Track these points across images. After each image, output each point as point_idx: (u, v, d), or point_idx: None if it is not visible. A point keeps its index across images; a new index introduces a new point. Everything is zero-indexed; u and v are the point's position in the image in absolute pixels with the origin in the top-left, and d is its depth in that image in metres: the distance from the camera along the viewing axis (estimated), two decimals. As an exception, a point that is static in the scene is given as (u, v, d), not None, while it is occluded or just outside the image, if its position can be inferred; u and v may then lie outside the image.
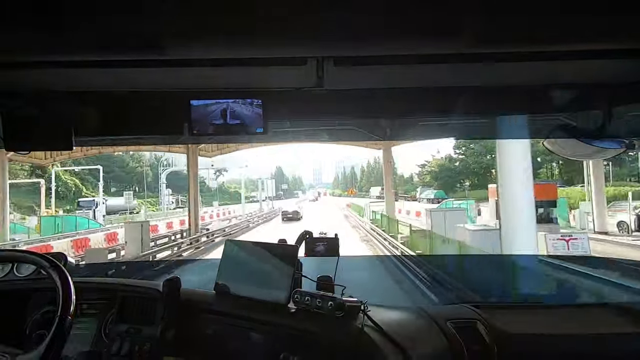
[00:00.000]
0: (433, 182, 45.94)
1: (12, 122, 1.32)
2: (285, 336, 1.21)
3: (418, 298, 6.58)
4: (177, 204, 38.34)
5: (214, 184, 58.73)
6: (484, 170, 40.67)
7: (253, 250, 1.43)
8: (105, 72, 1.14)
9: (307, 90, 1.29)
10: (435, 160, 48.56)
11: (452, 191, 40.70)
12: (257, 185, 51.64)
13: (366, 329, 1.13)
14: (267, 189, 37.06)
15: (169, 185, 38.08)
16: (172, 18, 0.85)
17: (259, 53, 1.05)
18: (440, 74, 1.25)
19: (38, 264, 1.12)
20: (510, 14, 0.85)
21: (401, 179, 58.02)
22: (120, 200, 30.73)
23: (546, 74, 1.25)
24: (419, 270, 7.92)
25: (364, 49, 1.03)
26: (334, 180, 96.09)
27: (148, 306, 1.42)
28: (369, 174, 69.59)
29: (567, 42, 0.98)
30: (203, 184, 51.04)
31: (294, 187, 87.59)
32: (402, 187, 50.64)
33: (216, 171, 65.75)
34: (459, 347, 1.19)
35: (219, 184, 61.02)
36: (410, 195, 45.89)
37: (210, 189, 54.09)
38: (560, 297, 5.04)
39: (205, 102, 1.30)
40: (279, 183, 79.50)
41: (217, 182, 60.41)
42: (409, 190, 49.67)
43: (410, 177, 58.89)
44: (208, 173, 57.55)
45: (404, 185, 54.17)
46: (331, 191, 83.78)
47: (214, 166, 42.08)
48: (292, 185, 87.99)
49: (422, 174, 51.37)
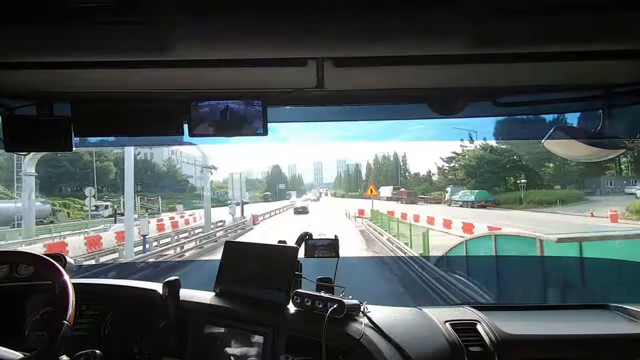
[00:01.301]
0: (467, 180, 35.17)
1: (12, 123, 1.32)
2: (285, 337, 1.21)
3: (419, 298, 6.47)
4: (113, 211, 27.40)
5: (200, 183, 47.23)
6: (538, 164, 31.77)
7: (253, 251, 1.43)
8: (106, 73, 1.14)
9: (307, 91, 1.29)
10: (469, 152, 35.99)
11: (493, 191, 31.58)
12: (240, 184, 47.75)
13: (366, 330, 1.13)
14: (235, 189, 24.91)
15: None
16: (172, 19, 0.85)
17: (259, 54, 1.05)
18: (440, 74, 1.25)
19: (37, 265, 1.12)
20: (510, 15, 0.85)
21: (415, 177, 52.27)
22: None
23: (546, 74, 1.25)
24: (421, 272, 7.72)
25: (364, 49, 1.03)
26: (336, 180, 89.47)
27: (148, 307, 1.41)
28: (377, 172, 61.26)
29: (566, 42, 0.98)
30: (187, 183, 48.16)
31: (292, 186, 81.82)
32: (417, 187, 44.92)
33: (202, 168, 60.62)
34: (458, 348, 1.19)
35: (207, 182, 55.37)
36: (432, 197, 38.50)
37: (197, 188, 46.73)
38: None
39: (205, 102, 1.30)
40: (276, 182, 73.74)
41: (205, 180, 53.08)
42: (427, 191, 42.46)
43: (427, 175, 49.48)
44: (195, 170, 49.24)
45: (420, 185, 46.67)
46: (333, 191, 78.05)
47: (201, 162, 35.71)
48: (290, 185, 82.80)
49: (447, 170, 40.83)
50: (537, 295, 5.33)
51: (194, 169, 50.01)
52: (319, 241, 1.45)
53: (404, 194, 41.27)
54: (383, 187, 45.80)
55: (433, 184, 44.63)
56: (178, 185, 46.87)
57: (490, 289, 6.03)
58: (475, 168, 34.13)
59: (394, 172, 56.84)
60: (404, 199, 38.98)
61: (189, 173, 52.05)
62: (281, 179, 77.68)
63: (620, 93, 1.34)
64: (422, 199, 39.16)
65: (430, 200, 38.07)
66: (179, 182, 47.88)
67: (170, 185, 44.20)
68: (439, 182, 42.70)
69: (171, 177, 47.07)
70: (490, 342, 1.20)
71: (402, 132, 42.45)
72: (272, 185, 72.37)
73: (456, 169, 37.81)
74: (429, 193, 40.82)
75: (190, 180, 51.27)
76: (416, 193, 41.36)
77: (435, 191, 40.91)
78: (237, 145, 40.22)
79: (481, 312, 1.37)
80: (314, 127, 1.72)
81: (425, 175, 50.68)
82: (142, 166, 39.14)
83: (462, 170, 36.30)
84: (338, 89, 1.31)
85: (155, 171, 45.42)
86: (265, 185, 75.91)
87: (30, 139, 1.33)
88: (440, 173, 43.30)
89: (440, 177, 43.43)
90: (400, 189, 44.22)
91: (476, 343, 1.20)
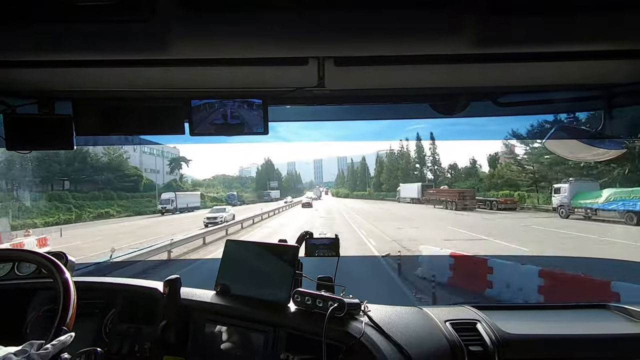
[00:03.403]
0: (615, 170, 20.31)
1: (13, 122, 1.33)
2: (286, 336, 1.21)
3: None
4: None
5: (163, 179, 41.77)
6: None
7: (253, 250, 1.43)
8: (107, 71, 1.15)
9: (308, 90, 1.29)
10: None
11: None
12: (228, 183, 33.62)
13: (366, 329, 1.13)
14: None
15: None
16: (174, 18, 0.85)
17: (261, 53, 1.05)
18: (440, 75, 1.25)
19: (39, 263, 1.12)
20: (510, 15, 0.85)
21: (453, 172, 37.93)
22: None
23: (546, 74, 1.25)
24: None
25: (364, 49, 1.03)
26: (338, 177, 79.07)
27: (149, 306, 1.42)
28: (393, 166, 46.00)
29: (567, 42, 0.98)
30: (140, 178, 36.52)
31: (288, 184, 72.12)
32: (460, 185, 32.80)
33: (171, 161, 44.00)
34: (459, 347, 1.19)
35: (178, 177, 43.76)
36: (502, 200, 24.07)
37: (156, 185, 37.45)
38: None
39: (205, 102, 1.30)
40: (269, 179, 61.86)
41: (173, 175, 43.53)
42: (479, 189, 29.02)
43: (472, 168, 36.01)
44: (162, 163, 41.31)
45: (463, 181, 34.59)
46: (334, 190, 69.63)
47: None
48: (285, 182, 72.08)
49: (545, 158, 25.01)
50: None
51: (155, 160, 41.44)
52: (319, 240, 1.46)
53: (447, 194, 26.14)
54: (404, 184, 34.69)
55: (482, 181, 30.70)
56: (125, 182, 34.76)
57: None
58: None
59: (408, 166, 43.27)
60: (451, 202, 24.73)
61: (151, 166, 42.15)
62: (274, 176, 66.62)
63: (621, 93, 1.34)
64: (482, 202, 24.52)
65: (500, 203, 23.58)
66: (127, 177, 35.34)
67: (111, 182, 33.33)
68: (514, 178, 27.26)
69: (114, 169, 34.51)
70: (490, 341, 1.20)
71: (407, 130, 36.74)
72: (262, 184, 61.72)
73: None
74: (490, 195, 26.28)
75: (153, 175, 40.55)
76: (472, 193, 25.43)
77: (500, 190, 26.83)
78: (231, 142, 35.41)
79: (481, 311, 1.37)
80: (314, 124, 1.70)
81: (465, 169, 36.17)
82: (67, 155, 27.31)
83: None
84: (339, 88, 1.31)
85: (88, 162, 31.94)
86: (255, 183, 63.88)
87: (32, 137, 1.34)
88: (515, 164, 28.21)
89: (508, 169, 28.59)
90: (442, 187, 30.27)
91: (476, 342, 1.21)
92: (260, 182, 62.59)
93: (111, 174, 33.91)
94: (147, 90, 1.33)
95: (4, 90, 1.31)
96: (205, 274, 2.41)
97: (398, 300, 6.16)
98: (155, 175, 41.44)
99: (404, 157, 45.40)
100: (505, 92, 1.42)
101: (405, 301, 6.25)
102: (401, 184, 35.79)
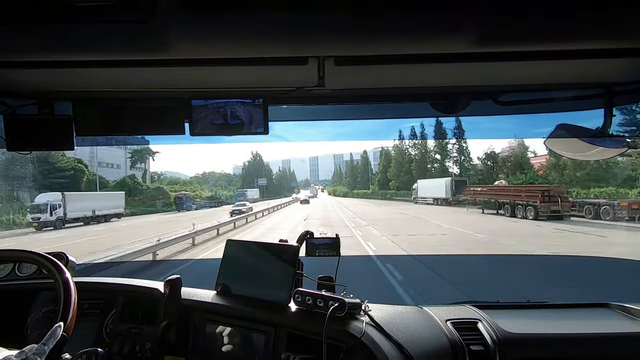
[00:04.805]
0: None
1: (13, 122, 1.33)
2: (286, 336, 1.21)
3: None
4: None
5: (115, 175, 33.94)
6: None
7: (254, 250, 1.43)
8: (107, 71, 1.14)
9: (308, 90, 1.29)
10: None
11: None
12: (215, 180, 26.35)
13: (367, 329, 1.13)
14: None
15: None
16: (174, 17, 0.85)
17: (261, 52, 1.05)
18: (440, 74, 1.25)
19: (40, 264, 1.12)
20: (510, 14, 0.85)
21: (499, 167, 27.65)
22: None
23: (546, 74, 1.25)
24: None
25: (364, 48, 1.03)
26: (335, 174, 72.77)
27: (149, 306, 1.42)
28: (404, 159, 36.63)
29: (567, 40, 0.98)
30: (81, 173, 29.84)
31: (280, 183, 67.56)
32: (514, 180, 23.86)
33: (132, 154, 34.85)
34: (460, 346, 1.19)
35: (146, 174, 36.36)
36: (624, 203, 15.01)
37: (108, 182, 30.80)
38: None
39: (205, 101, 1.30)
40: (256, 177, 56.07)
41: (135, 170, 35.47)
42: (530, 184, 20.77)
43: (522, 159, 26.64)
44: (125, 159, 33.69)
45: (516, 178, 24.91)
46: (331, 189, 66.55)
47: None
48: (277, 180, 67.42)
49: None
50: None
51: (113, 153, 33.16)
52: (320, 240, 1.46)
53: (514, 194, 17.04)
54: (423, 181, 26.29)
55: (537, 176, 21.95)
56: (58, 178, 27.34)
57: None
58: None
59: (425, 157, 34.12)
60: (523, 206, 16.33)
61: (106, 159, 34.26)
62: (262, 173, 59.46)
63: (622, 91, 1.34)
64: (575, 206, 16.01)
65: (621, 208, 14.62)
66: (58, 171, 28.14)
67: (36, 178, 25.70)
68: (571, 175, 19.07)
69: (42, 161, 27.25)
70: (491, 340, 1.20)
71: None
72: (249, 181, 54.82)
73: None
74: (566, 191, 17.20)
75: (108, 171, 32.77)
76: (563, 191, 16.01)
77: (587, 188, 18.78)
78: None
79: (482, 310, 1.37)
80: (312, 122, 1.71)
81: (514, 159, 26.14)
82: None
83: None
84: (339, 87, 1.31)
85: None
86: (240, 180, 57.37)
87: (32, 138, 1.33)
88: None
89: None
90: (497, 183, 21.57)
91: (477, 342, 1.21)
92: (247, 180, 56.60)
93: (39, 166, 25.96)
94: (147, 91, 1.33)
95: (4, 90, 1.31)
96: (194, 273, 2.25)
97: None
98: (111, 170, 34.19)
99: (420, 148, 35.95)
100: (505, 91, 1.41)
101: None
102: (419, 181, 27.28)
